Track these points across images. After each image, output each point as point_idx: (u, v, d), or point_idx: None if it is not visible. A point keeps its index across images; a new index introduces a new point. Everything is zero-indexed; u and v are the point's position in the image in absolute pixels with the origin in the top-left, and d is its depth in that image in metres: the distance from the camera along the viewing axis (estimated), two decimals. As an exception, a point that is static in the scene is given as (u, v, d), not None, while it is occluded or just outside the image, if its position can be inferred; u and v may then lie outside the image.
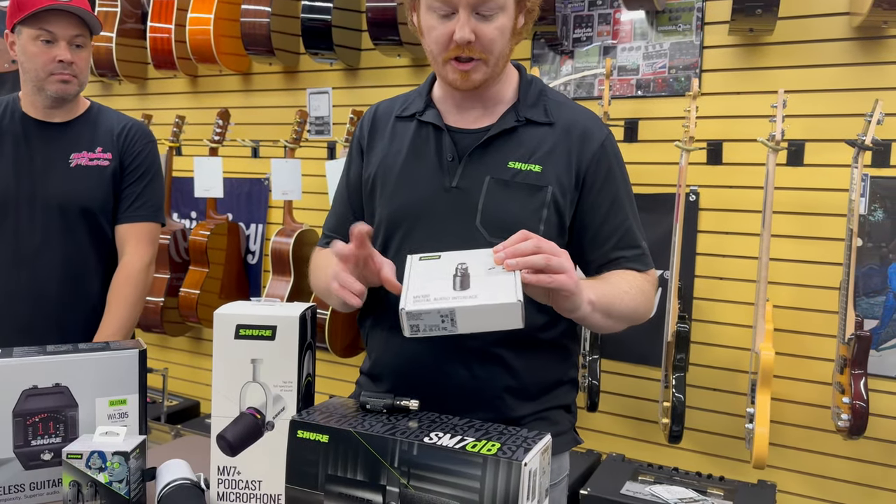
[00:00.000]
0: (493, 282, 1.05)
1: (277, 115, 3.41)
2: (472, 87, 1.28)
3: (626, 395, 2.72)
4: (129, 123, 1.99)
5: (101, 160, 1.91)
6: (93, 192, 1.89)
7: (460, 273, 1.06)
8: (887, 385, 2.32)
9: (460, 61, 1.25)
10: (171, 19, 3.35)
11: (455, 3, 1.21)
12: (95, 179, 1.90)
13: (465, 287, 1.05)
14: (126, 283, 1.93)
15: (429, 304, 1.03)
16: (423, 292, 1.05)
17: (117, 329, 1.89)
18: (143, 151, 1.97)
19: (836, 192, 2.34)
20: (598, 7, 2.66)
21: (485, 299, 1.02)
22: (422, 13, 1.27)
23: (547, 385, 1.36)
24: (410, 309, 1.03)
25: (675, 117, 2.52)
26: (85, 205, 1.89)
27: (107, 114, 2.00)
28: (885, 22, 2.18)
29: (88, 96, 2.04)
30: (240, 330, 1.16)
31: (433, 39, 1.26)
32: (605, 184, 1.34)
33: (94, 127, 1.95)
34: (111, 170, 1.92)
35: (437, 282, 1.06)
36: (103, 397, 1.28)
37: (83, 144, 1.91)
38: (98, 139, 1.93)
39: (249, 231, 3.54)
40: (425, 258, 1.12)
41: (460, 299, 1.03)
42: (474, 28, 1.21)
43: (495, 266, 1.07)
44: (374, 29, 2.78)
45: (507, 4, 1.25)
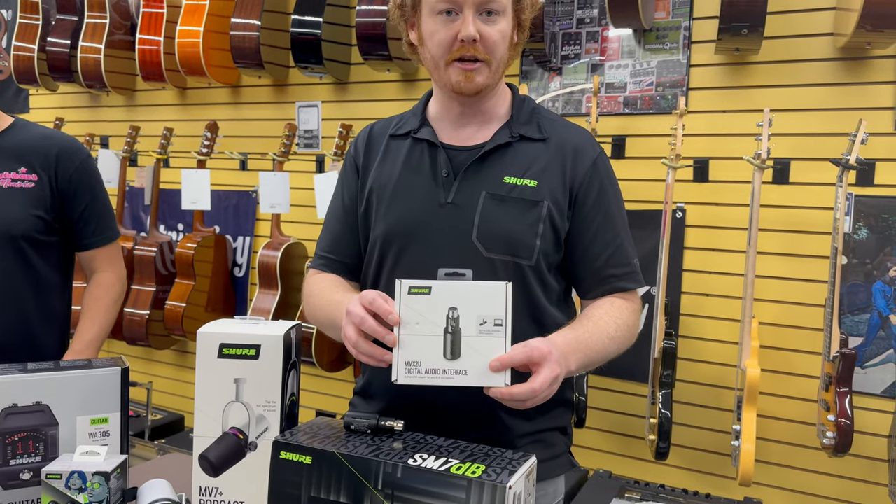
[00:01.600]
0: (483, 348, 1.08)
1: (266, 128, 3.40)
2: (474, 90, 1.29)
3: (613, 411, 2.72)
4: (58, 141, 1.84)
5: (24, 181, 1.76)
6: (16, 215, 1.74)
7: (451, 330, 1.08)
8: (872, 402, 2.33)
9: (464, 61, 1.26)
10: (160, 31, 3.34)
11: (461, 2, 1.24)
12: (17, 202, 1.75)
13: (456, 354, 1.08)
14: (104, 292, 1.91)
15: (420, 377, 1.08)
16: (414, 358, 1.09)
17: (95, 335, 1.86)
18: (80, 170, 1.84)
19: (821, 210, 2.36)
20: (586, 25, 2.68)
21: (474, 379, 1.08)
22: (423, 19, 1.29)
23: (543, 406, 1.36)
24: (402, 382, 1.08)
25: (662, 135, 2.53)
26: (7, 230, 1.73)
27: (32, 131, 1.84)
28: (869, 43, 2.20)
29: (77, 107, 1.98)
30: (223, 349, 1.16)
31: (437, 42, 1.27)
32: (597, 201, 1.34)
33: (18, 146, 1.79)
34: (36, 192, 1.77)
35: (427, 342, 1.09)
36: (84, 416, 1.26)
37: (4, 165, 1.75)
38: (21, 159, 1.77)
39: (237, 244, 3.52)
40: (415, 290, 1.12)
41: (451, 375, 1.08)
42: (479, 28, 1.24)
43: (486, 319, 1.08)
44: (364, 44, 2.78)
45: (507, 10, 1.28)
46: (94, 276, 1.92)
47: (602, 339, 1.26)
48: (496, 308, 1.09)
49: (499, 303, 1.09)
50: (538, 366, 1.09)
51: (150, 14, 3.37)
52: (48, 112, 4.05)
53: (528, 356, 1.09)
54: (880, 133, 2.27)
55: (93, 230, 1.87)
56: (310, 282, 1.45)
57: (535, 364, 1.09)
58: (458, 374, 1.08)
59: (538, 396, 1.09)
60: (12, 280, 1.77)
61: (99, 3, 3.51)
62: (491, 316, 1.09)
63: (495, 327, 1.08)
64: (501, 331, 1.08)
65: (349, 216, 1.43)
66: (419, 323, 1.10)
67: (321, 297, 1.37)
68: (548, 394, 1.11)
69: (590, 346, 1.23)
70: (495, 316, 1.09)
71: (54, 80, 3.73)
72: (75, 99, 3.99)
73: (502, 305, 1.09)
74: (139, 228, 3.71)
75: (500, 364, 1.08)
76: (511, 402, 1.09)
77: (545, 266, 1.32)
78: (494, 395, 1.08)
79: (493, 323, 1.09)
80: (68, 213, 1.84)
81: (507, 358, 1.08)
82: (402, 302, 1.11)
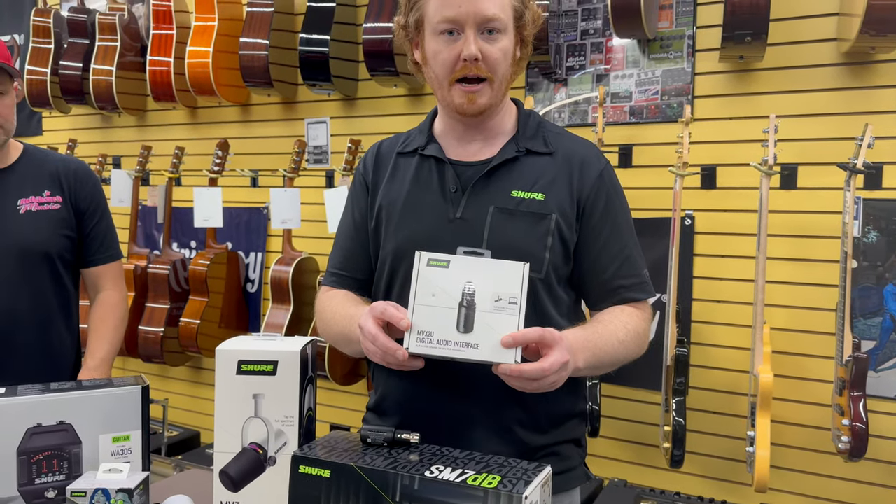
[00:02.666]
0: (496, 324, 1.09)
1: (276, 145, 3.44)
2: (477, 111, 1.31)
3: (626, 419, 2.73)
4: (73, 165, 1.96)
5: (50, 203, 1.88)
6: (49, 236, 1.87)
7: (466, 304, 1.09)
8: (887, 406, 2.32)
9: (467, 82, 1.28)
10: (170, 52, 3.39)
11: (463, 21, 1.26)
12: (48, 224, 1.87)
13: (469, 328, 1.09)
14: (111, 310, 1.99)
15: (431, 347, 1.09)
16: (427, 328, 1.10)
17: (107, 353, 1.93)
18: (93, 192, 1.96)
19: (829, 214, 2.37)
20: (591, 36, 2.71)
21: (485, 354, 1.09)
22: (427, 39, 1.31)
23: (557, 418, 1.37)
24: (413, 351, 1.09)
25: (669, 143, 2.55)
26: (45, 250, 1.86)
27: (45, 155, 1.96)
28: (873, 48, 2.22)
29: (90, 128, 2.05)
30: (241, 365, 1.18)
31: (440, 62, 1.29)
32: (604, 212, 1.36)
33: (37, 170, 1.90)
34: (62, 213, 1.90)
35: (442, 313, 1.10)
36: (107, 434, 1.28)
37: (29, 189, 1.87)
38: (44, 183, 1.89)
39: (249, 260, 3.55)
40: (434, 262, 1.15)
41: (462, 348, 1.09)
42: (480, 47, 1.26)
43: (502, 297, 1.10)
44: (371, 60, 2.82)
45: (508, 28, 1.30)
46: (99, 296, 2.00)
47: (612, 342, 1.27)
48: (512, 286, 1.11)
49: (515, 282, 1.11)
50: (549, 348, 1.11)
51: (160, 36, 3.42)
52: (61, 134, 4.11)
53: (541, 336, 1.10)
54: (887, 136, 2.27)
55: (101, 248, 1.98)
56: (322, 299, 1.47)
57: (547, 346, 1.11)
58: (469, 347, 1.09)
59: (547, 379, 1.10)
60: (45, 297, 1.88)
61: (110, 27, 3.57)
62: (507, 294, 1.10)
63: (510, 305, 1.10)
64: (516, 309, 1.10)
65: (360, 233, 1.45)
66: (435, 295, 1.11)
67: (334, 313, 1.39)
68: (555, 380, 1.12)
69: (599, 347, 1.24)
70: (511, 294, 1.10)
71: (67, 103, 3.79)
72: (87, 120, 4.05)
73: (518, 284, 1.11)
74: (152, 247, 3.76)
75: (513, 340, 1.09)
76: (519, 381, 1.10)
77: (555, 279, 1.34)
78: (503, 372, 1.10)
79: (508, 301, 1.10)
80: (81, 231, 1.94)
81: (521, 334, 1.09)
82: (420, 273, 1.13)
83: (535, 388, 1.12)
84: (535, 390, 1.12)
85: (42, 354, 1.88)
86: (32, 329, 1.86)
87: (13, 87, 1.83)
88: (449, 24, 1.27)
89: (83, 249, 1.96)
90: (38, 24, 3.79)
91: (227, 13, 3.27)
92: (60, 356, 1.93)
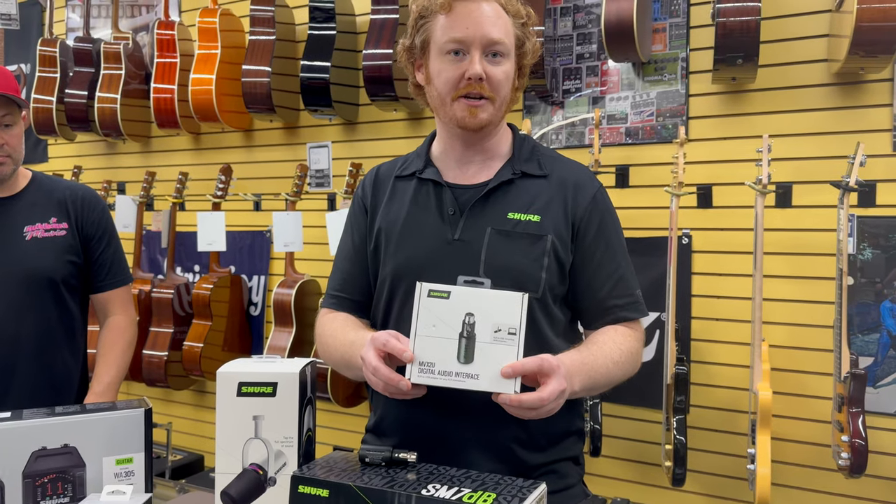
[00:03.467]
0: (496, 355, 1.12)
1: (278, 170, 3.49)
2: (478, 125, 1.34)
3: (628, 438, 2.73)
4: (80, 192, 2.00)
5: (56, 230, 1.91)
6: (54, 263, 1.89)
7: (466, 335, 1.12)
8: (886, 422, 2.33)
9: (470, 98, 1.32)
10: (174, 80, 3.45)
11: (469, 42, 1.30)
12: (54, 250, 1.90)
13: (469, 358, 1.12)
14: (120, 335, 2.01)
15: (433, 378, 1.12)
16: (429, 359, 1.13)
17: (114, 378, 1.95)
18: (101, 218, 1.99)
19: (824, 232, 2.39)
20: (586, 60, 2.75)
21: (485, 384, 1.12)
22: (432, 59, 1.36)
23: (555, 436, 1.39)
24: (415, 381, 1.12)
25: (665, 163, 2.58)
26: (51, 277, 1.88)
27: (53, 182, 2.00)
28: (862, 68, 2.25)
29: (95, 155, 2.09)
30: (242, 387, 1.20)
31: (444, 80, 1.33)
32: (598, 234, 1.39)
33: (44, 197, 1.94)
34: (68, 239, 1.93)
35: (442, 344, 1.13)
36: (110, 456, 1.31)
37: (36, 216, 1.90)
38: (51, 210, 1.93)
39: (252, 283, 3.58)
40: (434, 293, 1.17)
41: (462, 378, 1.12)
42: (485, 68, 1.31)
43: (501, 327, 1.13)
44: (371, 86, 2.87)
45: (510, 54, 1.35)
46: (108, 320, 2.02)
47: (606, 364, 1.30)
48: (511, 317, 1.13)
49: (514, 312, 1.14)
50: (547, 377, 1.13)
51: (163, 63, 3.49)
52: (66, 161, 4.17)
53: (539, 366, 1.13)
54: (879, 154, 2.31)
55: (109, 273, 2.00)
56: (322, 322, 1.49)
57: (545, 375, 1.13)
58: (469, 377, 1.12)
59: (545, 407, 1.13)
60: (51, 323, 1.90)
61: (115, 55, 3.63)
62: (506, 324, 1.13)
63: (509, 336, 1.13)
64: (515, 339, 1.13)
65: (359, 255, 1.48)
66: (436, 325, 1.14)
67: (335, 338, 1.41)
68: (553, 407, 1.14)
69: (594, 369, 1.27)
70: (510, 325, 1.13)
71: (72, 130, 3.84)
72: (92, 147, 4.10)
73: (517, 315, 1.14)
74: (156, 271, 3.79)
75: (513, 370, 1.12)
76: (518, 410, 1.13)
77: (551, 298, 1.37)
78: (503, 402, 1.12)
79: (507, 331, 1.13)
80: (88, 257, 1.97)
81: (520, 365, 1.12)
82: (421, 304, 1.15)
83: (534, 416, 1.14)
84: (534, 417, 1.15)
85: (45, 380, 1.90)
86: (36, 355, 1.88)
87: (21, 118, 1.88)
88: (456, 44, 1.31)
89: (91, 275, 1.99)
90: (45, 54, 3.86)
91: (229, 41, 3.33)
92: (64, 382, 1.95)
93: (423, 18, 1.36)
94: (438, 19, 1.34)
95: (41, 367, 1.89)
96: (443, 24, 1.33)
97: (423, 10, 1.36)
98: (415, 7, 1.38)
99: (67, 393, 1.96)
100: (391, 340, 1.16)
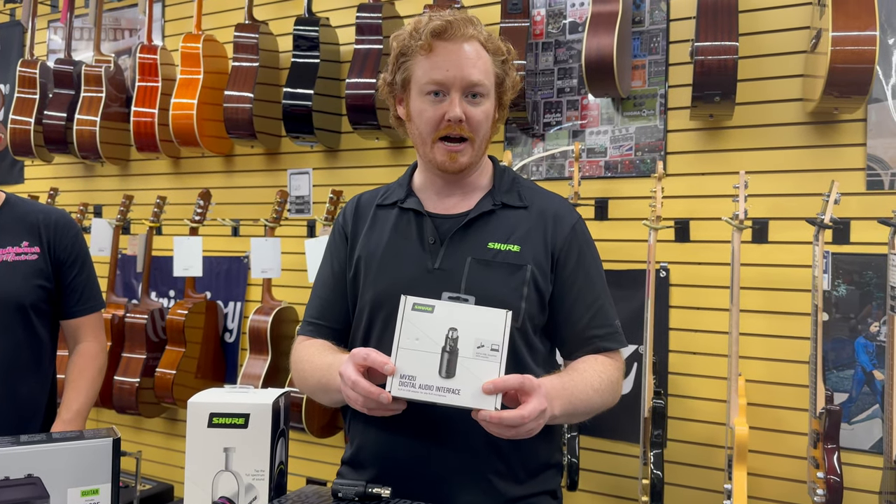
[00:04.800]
0: (478, 370, 1.11)
1: (258, 195, 3.47)
2: (458, 169, 1.36)
3: (605, 472, 2.72)
4: (53, 215, 1.95)
5: (28, 254, 1.87)
6: (22, 286, 1.84)
7: (449, 349, 1.11)
8: (861, 458, 2.34)
9: (450, 141, 1.33)
10: (154, 104, 3.44)
11: (449, 85, 1.31)
12: (24, 274, 1.86)
13: (451, 373, 1.11)
14: (90, 362, 1.96)
15: (413, 391, 1.11)
16: (410, 372, 1.11)
17: (83, 405, 1.90)
18: (74, 243, 1.95)
19: (800, 268, 2.42)
20: (567, 94, 2.79)
21: (466, 399, 1.10)
22: (412, 98, 1.36)
23: (533, 469, 1.38)
24: (396, 394, 1.10)
25: (643, 197, 2.61)
26: (19, 301, 1.83)
27: (27, 205, 1.96)
28: (836, 108, 2.30)
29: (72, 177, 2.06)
30: (213, 418, 1.18)
31: (425, 121, 1.34)
32: (577, 264, 1.40)
33: (17, 220, 1.89)
34: (39, 264, 1.88)
35: (424, 358, 1.12)
36: (75, 487, 1.26)
37: (7, 239, 1.86)
38: (23, 233, 1.88)
39: (228, 309, 3.54)
40: (419, 307, 1.17)
41: (443, 393, 1.10)
42: (465, 109, 1.32)
43: (484, 343, 1.12)
44: (353, 114, 2.88)
45: (490, 93, 1.36)
46: (78, 347, 1.98)
47: (587, 390, 1.29)
48: (495, 334, 1.13)
49: (498, 329, 1.13)
50: (528, 395, 1.12)
51: (145, 88, 3.47)
52: (43, 182, 4.12)
53: (521, 383, 1.12)
54: (853, 193, 2.35)
55: (80, 299, 1.95)
56: (298, 349, 1.47)
57: (526, 394, 1.12)
58: (450, 392, 1.10)
59: (525, 426, 1.11)
60: (20, 349, 1.85)
61: (96, 78, 3.62)
62: (489, 340, 1.13)
63: (492, 352, 1.12)
64: (497, 356, 1.12)
65: (338, 283, 1.47)
66: (419, 339, 1.13)
67: (311, 363, 1.39)
68: (533, 427, 1.13)
69: (574, 395, 1.26)
70: (493, 341, 1.13)
71: (49, 152, 3.80)
72: (69, 169, 4.06)
73: (501, 332, 1.13)
74: (131, 296, 3.74)
75: (494, 386, 1.11)
76: (498, 428, 1.11)
77: (531, 328, 1.36)
78: (483, 418, 1.11)
79: (489, 347, 1.12)
80: (60, 282, 1.92)
81: (501, 381, 1.11)
82: (405, 317, 1.14)
83: (513, 435, 1.13)
84: (513, 437, 1.13)
85: (10, 406, 1.84)
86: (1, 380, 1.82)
87: None
88: (436, 86, 1.32)
89: (62, 300, 1.94)
90: (24, 75, 3.83)
91: (212, 67, 3.33)
92: (30, 409, 1.89)
93: (405, 56, 1.37)
94: (419, 59, 1.34)
95: (6, 394, 1.83)
96: (423, 64, 1.34)
97: (404, 48, 1.37)
98: (395, 44, 1.39)
99: (34, 420, 1.90)
100: (372, 354, 1.15)
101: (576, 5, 2.77)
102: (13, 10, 4.35)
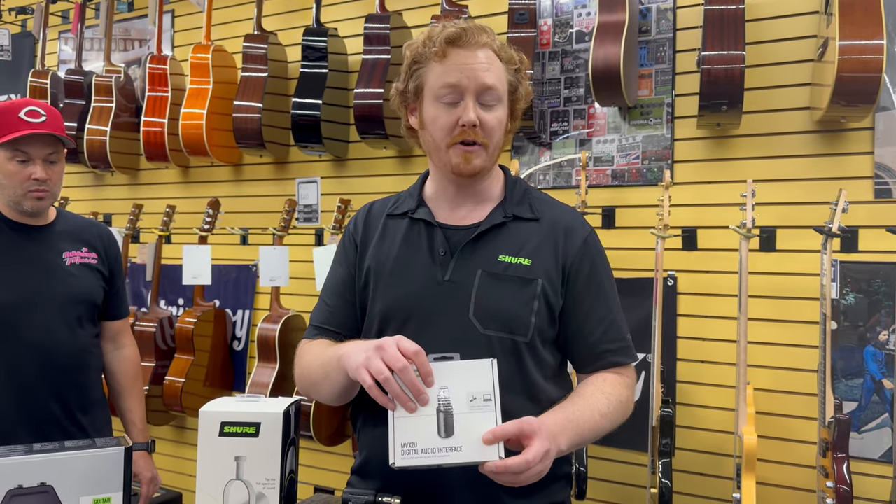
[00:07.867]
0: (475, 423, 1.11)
1: (267, 204, 3.49)
2: (472, 171, 1.35)
3: (613, 481, 2.71)
4: (101, 227, 2.16)
5: (89, 259, 2.04)
6: (94, 286, 2.03)
7: (443, 409, 1.12)
8: (870, 468, 2.32)
9: (465, 144, 1.33)
10: (164, 114, 3.47)
11: (463, 90, 1.32)
12: (92, 275, 2.04)
13: (450, 432, 1.11)
14: (140, 369, 2.25)
15: (417, 458, 1.10)
16: (410, 439, 1.11)
17: (144, 411, 2.19)
18: (117, 254, 2.16)
19: (808, 276, 2.41)
20: (574, 103, 2.80)
21: (469, 455, 1.10)
22: (426, 105, 1.37)
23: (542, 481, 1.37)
24: (400, 465, 1.10)
25: (650, 205, 2.61)
26: (93, 299, 2.03)
27: (76, 217, 2.15)
28: (844, 117, 2.30)
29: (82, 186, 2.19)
30: (224, 427, 1.19)
31: (439, 127, 1.34)
32: (589, 278, 1.39)
33: (73, 229, 2.07)
34: (100, 267, 2.07)
35: (421, 422, 1.12)
36: (88, 496, 1.28)
37: (69, 244, 2.02)
38: (81, 241, 2.05)
39: (236, 317, 3.56)
40: None
41: (446, 453, 1.10)
42: (478, 115, 1.32)
43: (476, 395, 1.13)
44: (362, 123, 2.89)
45: (503, 99, 1.36)
46: (121, 351, 2.18)
47: (593, 416, 1.29)
48: (484, 384, 1.13)
49: (486, 379, 1.13)
50: (530, 439, 1.12)
51: (155, 98, 3.50)
52: (53, 191, 4.14)
53: (520, 429, 1.12)
54: (861, 201, 2.34)
55: (122, 303, 2.18)
56: (302, 348, 1.47)
57: (527, 437, 1.12)
58: (453, 451, 1.10)
59: (532, 470, 1.11)
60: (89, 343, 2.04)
61: (106, 88, 3.65)
62: (480, 392, 1.13)
63: (485, 402, 1.12)
64: (491, 405, 1.12)
65: (347, 290, 1.47)
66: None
67: (317, 354, 1.38)
68: (541, 469, 1.13)
69: (580, 425, 1.26)
70: (484, 392, 1.13)
71: (61, 161, 3.83)
72: (80, 178, 4.09)
73: (489, 381, 1.13)
74: (140, 304, 3.76)
75: (493, 436, 1.10)
76: (506, 477, 1.11)
77: (540, 342, 1.36)
78: (489, 470, 1.10)
79: (482, 398, 1.12)
80: (110, 287, 2.12)
81: (500, 430, 1.11)
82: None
83: (523, 481, 1.12)
84: (523, 483, 1.13)
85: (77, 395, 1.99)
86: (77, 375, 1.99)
87: (64, 155, 2.00)
88: (450, 91, 1.32)
89: (109, 303, 2.12)
90: (35, 85, 3.87)
91: (221, 77, 3.36)
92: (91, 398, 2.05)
93: (417, 64, 1.38)
94: (433, 66, 1.35)
95: (74, 383, 1.98)
96: (437, 70, 1.34)
97: (417, 56, 1.38)
98: (409, 52, 1.40)
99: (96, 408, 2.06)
100: (422, 355, 1.14)
101: (582, 15, 2.79)
102: (24, 22, 4.39)
